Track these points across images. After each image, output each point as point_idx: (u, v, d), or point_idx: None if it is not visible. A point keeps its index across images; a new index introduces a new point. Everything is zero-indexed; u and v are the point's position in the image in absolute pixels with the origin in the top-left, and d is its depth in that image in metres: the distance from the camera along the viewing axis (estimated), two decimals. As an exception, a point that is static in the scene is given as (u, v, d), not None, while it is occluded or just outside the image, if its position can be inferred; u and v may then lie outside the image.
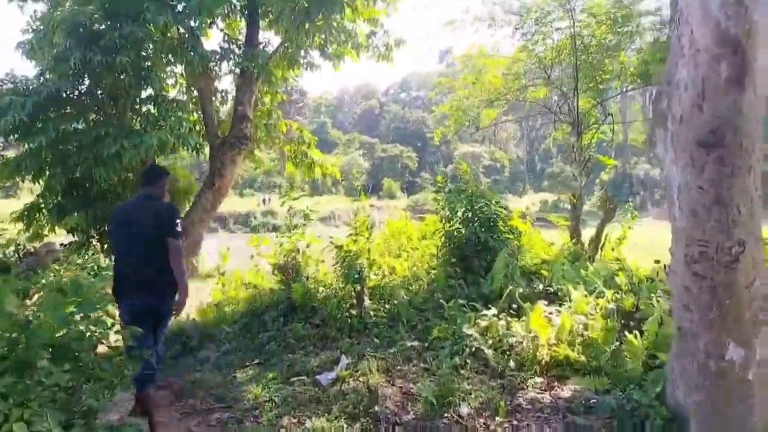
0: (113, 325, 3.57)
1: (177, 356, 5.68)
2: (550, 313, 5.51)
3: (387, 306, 6.22)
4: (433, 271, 7.22)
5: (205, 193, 12.67)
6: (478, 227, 6.87)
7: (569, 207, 11.28)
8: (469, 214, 7.06)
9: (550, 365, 4.95)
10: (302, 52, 13.67)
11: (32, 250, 8.34)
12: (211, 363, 5.44)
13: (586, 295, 5.84)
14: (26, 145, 11.01)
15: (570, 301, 5.87)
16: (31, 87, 11.05)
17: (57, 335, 3.15)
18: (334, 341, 5.70)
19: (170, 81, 13.77)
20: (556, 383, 4.77)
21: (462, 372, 4.91)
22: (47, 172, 11.60)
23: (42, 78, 11.40)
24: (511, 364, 4.96)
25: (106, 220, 13.73)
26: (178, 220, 4.59)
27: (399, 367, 5.11)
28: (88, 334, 3.27)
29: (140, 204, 4.60)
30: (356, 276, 6.03)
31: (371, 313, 5.99)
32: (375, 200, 64.29)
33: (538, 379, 4.78)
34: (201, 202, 12.67)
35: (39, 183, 12.01)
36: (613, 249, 9.78)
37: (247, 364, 5.39)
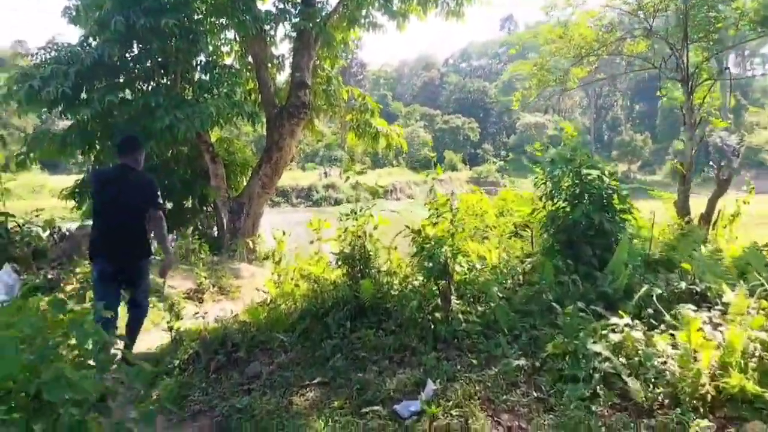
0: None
1: (220, 369, 4.62)
2: (704, 323, 4.11)
3: (480, 308, 4.94)
4: (528, 260, 5.90)
5: (262, 167, 11.65)
6: (589, 206, 5.47)
7: (675, 178, 9.57)
8: (577, 190, 5.67)
9: (717, 401, 3.58)
10: (363, 11, 12.35)
11: (67, 233, 7.47)
12: (262, 380, 4.34)
13: (746, 297, 4.39)
14: (73, 118, 10.27)
15: (724, 304, 4.46)
16: (74, 54, 10.18)
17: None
18: (414, 354, 4.49)
19: (224, 48, 12.76)
20: (730, 429, 3.42)
21: (592, 407, 3.61)
22: (96, 147, 10.86)
23: (85, 44, 10.51)
24: (661, 397, 3.63)
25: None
26: (158, 192, 5.00)
27: (504, 396, 3.86)
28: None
29: (124, 173, 4.87)
30: (440, 269, 4.80)
31: (460, 317, 4.73)
32: (438, 173, 62.77)
33: (704, 423, 3.41)
34: (259, 176, 11.66)
35: (89, 158, 11.30)
36: (725, 227, 8.17)
37: (307, 383, 4.26)
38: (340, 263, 5.51)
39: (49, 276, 6.44)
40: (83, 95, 10.37)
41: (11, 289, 5.96)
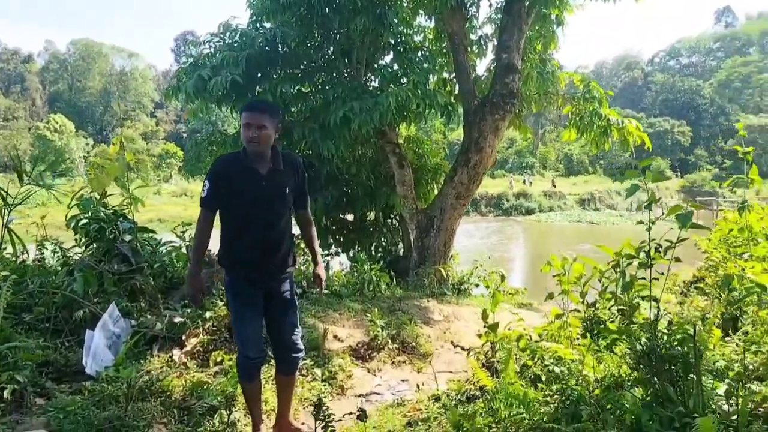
0: None
1: None
2: None
3: None
4: None
5: (458, 173, 9.33)
6: None
7: None
8: None
9: None
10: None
11: (206, 258, 5.71)
12: None
13: None
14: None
15: None
16: (245, 37, 8.76)
17: None
18: None
19: (414, 28, 10.66)
20: None
21: None
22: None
23: (259, 25, 9.04)
24: None
25: (340, 210, 11.44)
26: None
27: None
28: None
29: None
30: None
31: None
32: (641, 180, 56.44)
33: None
34: (453, 184, 9.37)
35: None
36: None
37: None
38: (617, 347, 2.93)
39: (175, 320, 4.65)
40: (256, 86, 8.93)
41: (116, 343, 4.25)
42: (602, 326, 3.44)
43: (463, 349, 5.53)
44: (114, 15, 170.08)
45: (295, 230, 3.61)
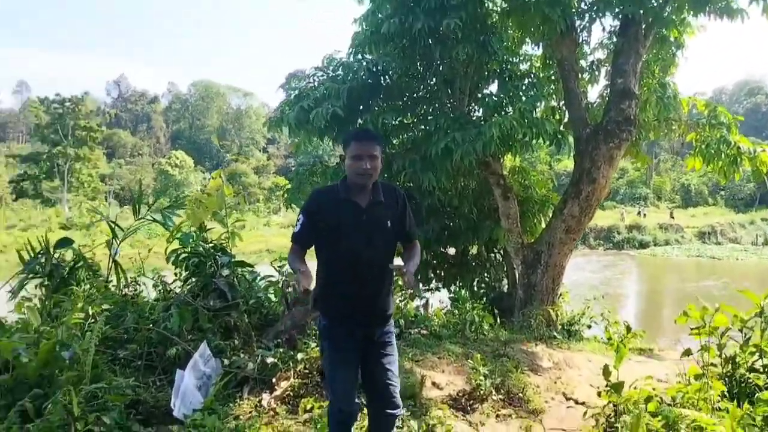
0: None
1: None
2: None
3: None
4: None
5: (568, 205, 8.72)
6: None
7: None
8: None
9: None
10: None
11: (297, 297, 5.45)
12: None
13: None
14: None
15: None
16: (347, 69, 8.76)
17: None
18: None
19: (520, 56, 10.24)
20: None
21: None
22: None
23: (361, 57, 9.00)
24: None
25: (442, 243, 11.05)
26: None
27: None
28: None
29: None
30: None
31: None
32: (767, 213, 52.01)
33: None
34: (563, 217, 8.75)
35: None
36: None
37: None
38: None
39: (268, 360, 4.45)
40: (358, 118, 8.85)
41: (206, 383, 4.09)
42: (753, 391, 2.85)
43: (576, 402, 4.96)
44: (231, 55, 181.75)
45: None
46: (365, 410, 3.39)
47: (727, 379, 3.72)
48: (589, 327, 8.76)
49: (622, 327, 3.38)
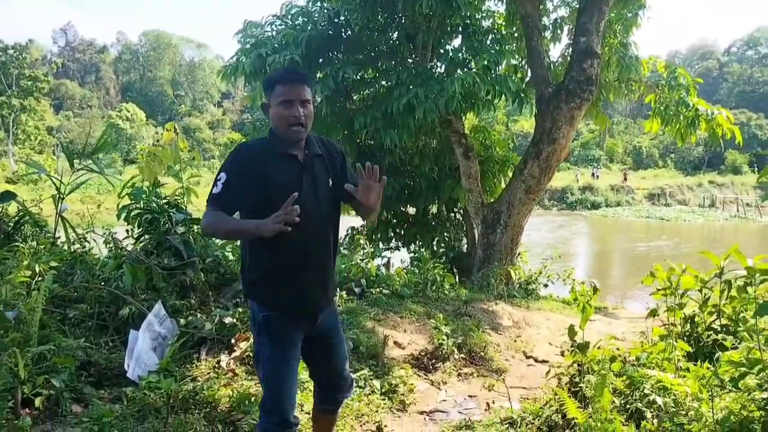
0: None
1: None
2: None
3: None
4: None
5: (528, 166, 8.73)
6: None
7: None
8: None
9: None
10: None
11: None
12: None
13: None
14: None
15: None
16: (306, 16, 8.48)
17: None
18: None
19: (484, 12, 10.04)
20: None
21: None
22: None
23: (320, 3, 8.69)
24: None
25: (402, 202, 10.93)
26: None
27: None
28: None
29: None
30: None
31: None
32: (714, 176, 53.79)
33: None
34: (522, 177, 8.77)
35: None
36: None
37: None
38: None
39: (226, 320, 4.32)
40: (317, 72, 8.57)
41: (161, 344, 3.94)
42: (711, 351, 2.89)
43: (536, 361, 5.01)
44: (185, 7, 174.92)
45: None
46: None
47: (685, 338, 3.79)
48: (546, 286, 8.90)
49: (588, 286, 3.35)
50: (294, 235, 2.21)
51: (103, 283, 4.55)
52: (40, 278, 4.29)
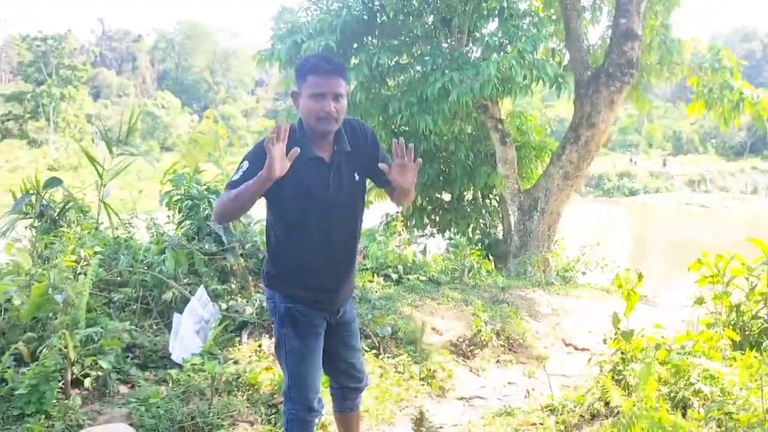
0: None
1: None
2: None
3: None
4: None
5: (566, 151, 8.60)
6: None
7: None
8: None
9: None
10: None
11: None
12: None
13: None
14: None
15: None
16: (342, 2, 8.46)
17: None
18: None
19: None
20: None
21: None
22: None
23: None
24: None
25: (437, 188, 10.87)
26: None
27: None
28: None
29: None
30: None
31: None
32: (758, 161, 52.13)
33: None
34: (561, 163, 8.64)
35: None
36: None
37: None
38: None
39: (265, 305, 4.36)
40: (352, 57, 8.55)
41: (204, 328, 4.01)
42: (757, 339, 2.81)
43: (576, 348, 4.96)
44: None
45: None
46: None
47: (731, 327, 3.70)
48: (584, 273, 8.77)
49: (633, 274, 3.30)
50: (321, 230, 2.30)
51: (146, 268, 4.63)
52: (85, 263, 4.41)
